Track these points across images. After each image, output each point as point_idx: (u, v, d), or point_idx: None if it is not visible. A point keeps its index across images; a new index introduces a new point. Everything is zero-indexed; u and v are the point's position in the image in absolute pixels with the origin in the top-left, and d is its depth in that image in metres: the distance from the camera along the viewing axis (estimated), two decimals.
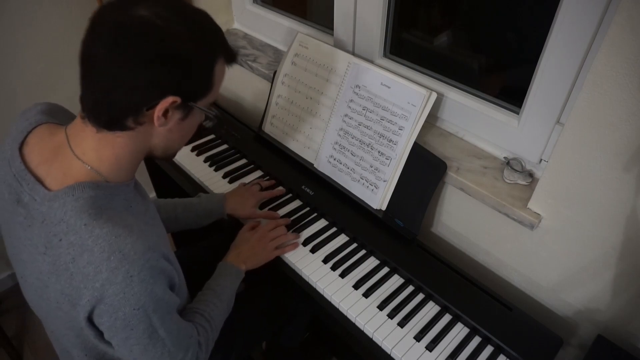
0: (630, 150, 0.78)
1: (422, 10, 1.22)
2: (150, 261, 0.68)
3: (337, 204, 1.20)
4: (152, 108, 0.67)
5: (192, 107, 0.72)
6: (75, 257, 0.66)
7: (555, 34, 0.86)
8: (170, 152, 0.79)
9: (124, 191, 0.75)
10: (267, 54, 1.52)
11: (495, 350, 0.94)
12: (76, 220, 0.66)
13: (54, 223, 0.68)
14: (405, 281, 1.05)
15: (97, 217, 0.67)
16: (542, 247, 1.01)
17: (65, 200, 0.68)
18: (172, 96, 0.66)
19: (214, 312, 0.92)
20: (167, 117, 0.69)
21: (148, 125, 0.70)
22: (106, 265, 0.64)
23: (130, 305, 0.66)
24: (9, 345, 1.72)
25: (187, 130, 0.77)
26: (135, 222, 0.71)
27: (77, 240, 0.66)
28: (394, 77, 1.08)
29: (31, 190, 0.70)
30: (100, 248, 0.65)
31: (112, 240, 0.65)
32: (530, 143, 1.01)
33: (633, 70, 0.71)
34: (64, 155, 0.71)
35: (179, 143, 0.79)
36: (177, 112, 0.70)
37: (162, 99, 0.66)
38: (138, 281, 0.66)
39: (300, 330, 1.46)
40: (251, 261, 1.05)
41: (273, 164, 1.33)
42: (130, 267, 0.65)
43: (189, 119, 0.73)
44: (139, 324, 0.69)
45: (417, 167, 1.07)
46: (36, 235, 0.69)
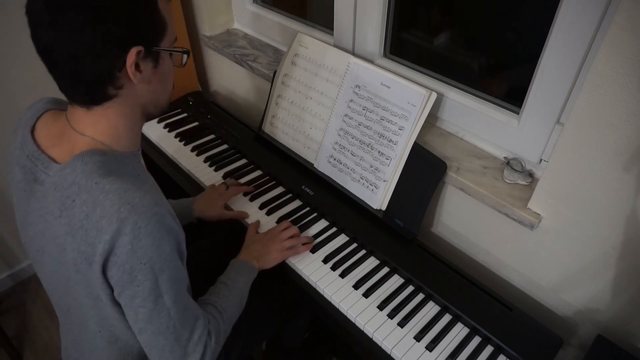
0: (630, 150, 0.78)
1: (422, 10, 1.22)
2: (158, 215, 0.70)
3: (337, 204, 1.20)
4: (123, 67, 0.69)
5: (158, 51, 0.73)
6: (89, 213, 0.69)
7: (555, 34, 0.86)
8: (162, 104, 0.81)
9: (132, 160, 0.78)
10: (267, 54, 1.52)
11: (495, 350, 0.94)
12: (87, 181, 0.70)
13: (65, 187, 0.71)
14: (405, 281, 1.05)
15: (107, 176, 0.70)
16: (542, 247, 1.01)
17: (75, 166, 0.72)
18: (134, 47, 0.68)
19: (226, 304, 0.92)
20: (141, 70, 0.71)
21: (128, 86, 0.72)
22: (117, 216, 0.67)
23: (138, 258, 0.69)
24: (9, 345, 1.72)
25: (166, 76, 0.78)
26: (143, 184, 0.75)
27: (89, 198, 0.69)
28: (394, 77, 1.08)
29: (46, 168, 0.75)
30: (111, 201, 0.68)
31: (122, 193, 0.69)
32: (530, 143, 1.01)
33: (633, 70, 0.72)
34: (68, 135, 0.75)
35: (163, 92, 0.80)
36: (146, 62, 0.72)
37: (126, 54, 0.68)
38: (145, 233, 0.68)
39: (300, 330, 1.46)
40: (263, 260, 1.05)
41: (273, 164, 1.33)
42: (138, 218, 0.68)
43: (160, 64, 0.75)
44: (145, 280, 0.70)
45: (417, 167, 1.07)
46: (51, 203, 0.73)
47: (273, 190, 1.27)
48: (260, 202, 1.22)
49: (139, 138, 0.82)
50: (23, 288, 1.99)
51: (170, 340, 0.76)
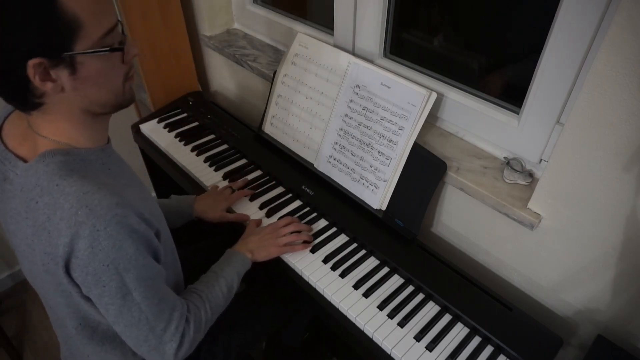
0: (630, 150, 0.78)
1: (422, 10, 1.22)
2: (118, 217, 0.68)
3: (337, 204, 1.20)
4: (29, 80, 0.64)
5: (72, 56, 0.64)
6: (50, 216, 0.68)
7: (555, 34, 0.86)
8: (109, 102, 0.74)
9: (99, 155, 0.76)
10: (267, 54, 1.52)
11: (495, 350, 0.94)
12: (49, 183, 0.69)
13: (29, 189, 0.71)
14: (405, 281, 1.05)
15: (68, 177, 0.69)
16: (542, 247, 1.01)
17: (38, 167, 0.71)
18: (30, 60, 0.62)
19: (212, 294, 0.92)
20: (54, 79, 0.65)
21: (51, 94, 0.68)
22: (74, 219, 0.66)
23: (99, 260, 0.68)
24: (9, 345, 1.72)
25: (97, 77, 0.69)
26: (111, 182, 0.73)
27: (50, 200, 0.69)
28: (394, 77, 1.08)
29: (13, 166, 0.74)
30: (69, 204, 0.67)
31: (80, 196, 0.67)
32: (530, 143, 1.01)
33: (633, 70, 0.71)
34: (30, 136, 0.75)
35: (104, 92, 0.72)
36: (59, 69, 0.65)
37: (23, 66, 0.62)
38: (105, 236, 0.67)
39: (300, 330, 1.46)
40: (259, 252, 1.04)
41: (273, 164, 1.33)
42: (96, 221, 0.67)
43: (82, 69, 0.67)
44: (110, 281, 0.70)
45: (417, 167, 1.07)
46: (18, 204, 0.74)
47: (273, 190, 1.27)
48: (260, 202, 1.22)
49: (103, 132, 0.79)
50: (23, 288, 1.99)
51: (144, 331, 0.77)
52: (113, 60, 0.70)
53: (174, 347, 0.80)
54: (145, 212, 0.74)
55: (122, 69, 0.73)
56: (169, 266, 0.89)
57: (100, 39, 0.67)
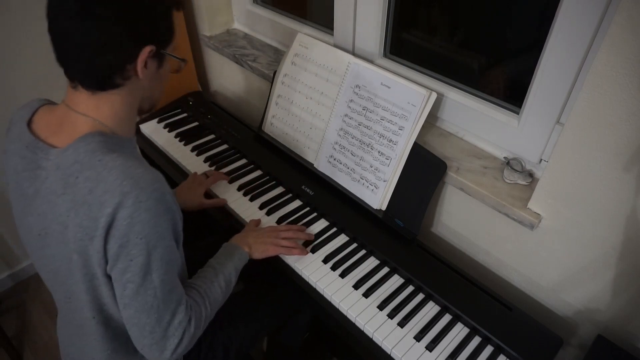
0: (630, 150, 0.78)
1: (422, 10, 1.22)
2: (158, 192, 0.73)
3: (337, 204, 1.20)
4: (134, 62, 0.74)
5: (164, 54, 0.79)
6: (92, 189, 0.71)
7: (555, 34, 0.86)
8: (155, 101, 0.87)
9: (129, 145, 0.83)
10: (267, 54, 1.52)
11: (495, 350, 0.94)
12: (90, 159, 0.73)
13: (67, 166, 0.74)
14: (405, 281, 1.05)
15: (110, 153, 0.74)
16: (542, 247, 1.01)
17: (78, 146, 0.75)
18: (148, 46, 0.74)
19: (211, 290, 0.92)
20: (147, 67, 0.76)
21: (134, 79, 0.77)
22: (119, 190, 0.70)
23: (135, 232, 0.71)
24: (9, 345, 1.72)
25: (164, 78, 0.84)
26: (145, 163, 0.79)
27: (92, 174, 0.72)
28: (394, 77, 1.08)
29: (45, 153, 0.77)
30: (114, 176, 0.71)
31: (125, 169, 0.72)
32: (530, 143, 1.01)
33: (633, 70, 0.72)
34: (69, 119, 0.78)
35: (159, 91, 0.87)
36: (153, 61, 0.78)
37: (140, 51, 0.73)
38: (145, 208, 0.71)
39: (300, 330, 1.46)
40: (256, 248, 1.05)
41: (273, 164, 1.33)
42: (140, 192, 0.71)
43: (163, 66, 0.81)
44: (139, 255, 0.73)
45: (417, 167, 1.07)
46: (53, 183, 0.76)
47: (273, 190, 1.27)
48: (260, 202, 1.22)
49: (134, 126, 0.87)
50: (23, 288, 1.99)
51: (152, 319, 0.77)
52: (172, 68, 0.86)
53: (175, 342, 0.81)
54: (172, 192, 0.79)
55: None
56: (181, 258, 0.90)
57: (174, 49, 0.82)
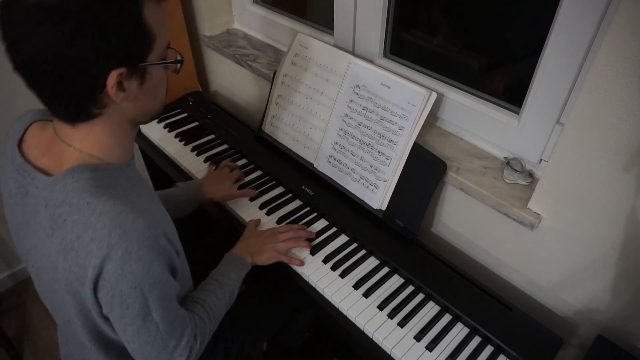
0: (630, 150, 0.78)
1: (422, 10, 1.22)
2: (150, 239, 0.68)
3: (337, 204, 1.20)
4: (104, 89, 0.65)
5: (145, 67, 0.68)
6: (80, 235, 0.67)
7: (555, 34, 0.86)
8: (153, 113, 0.77)
9: (125, 171, 0.76)
10: (267, 54, 1.52)
11: (495, 350, 0.94)
12: (78, 200, 0.68)
13: (56, 205, 0.69)
14: (405, 281, 1.05)
15: (99, 195, 0.68)
16: (542, 247, 1.01)
17: (66, 183, 0.69)
18: (115, 70, 0.63)
19: (215, 304, 0.92)
20: (125, 89, 0.67)
21: (113, 105, 0.68)
22: (107, 241, 0.65)
23: (128, 282, 0.67)
24: (9, 345, 1.72)
25: (156, 88, 0.73)
26: (139, 200, 0.72)
27: (80, 219, 0.67)
28: (394, 77, 1.08)
29: (33, 179, 0.73)
30: (102, 224, 0.66)
31: (113, 216, 0.66)
32: (530, 143, 1.01)
33: (633, 70, 0.71)
34: (56, 147, 0.73)
35: (154, 104, 0.76)
36: (131, 80, 0.67)
37: (106, 77, 0.63)
38: (136, 258, 0.67)
39: (301, 330, 1.46)
40: (258, 256, 1.04)
41: (273, 164, 1.33)
42: (129, 243, 0.66)
43: (148, 79, 0.70)
44: (135, 303, 0.70)
45: (417, 167, 1.07)
46: (43, 219, 0.72)
47: (273, 190, 1.27)
48: (260, 202, 1.22)
49: (131, 147, 0.79)
50: (23, 288, 1.99)
51: (157, 348, 0.77)
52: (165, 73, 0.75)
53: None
54: (169, 232, 0.74)
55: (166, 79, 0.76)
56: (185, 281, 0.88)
57: (165, 51, 0.71)
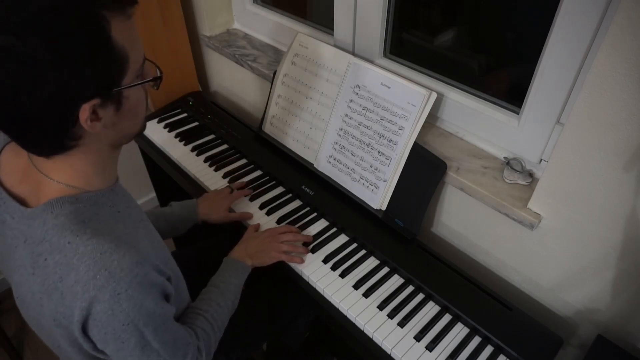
0: (630, 150, 0.78)
1: (422, 10, 1.22)
2: (138, 277, 0.65)
3: (337, 204, 1.20)
4: (76, 122, 0.60)
5: (120, 91, 0.62)
6: (63, 276, 0.63)
7: (555, 34, 0.86)
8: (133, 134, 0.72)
9: (108, 197, 0.71)
10: (267, 54, 1.52)
11: (495, 350, 0.94)
12: (59, 239, 0.64)
13: (36, 243, 0.65)
14: (405, 281, 1.05)
15: (81, 234, 0.63)
16: (542, 247, 1.01)
17: (45, 219, 0.65)
18: (86, 103, 0.58)
19: (217, 313, 0.91)
20: (100, 117, 0.61)
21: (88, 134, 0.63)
22: (93, 283, 0.62)
23: (119, 321, 0.64)
24: (9, 345, 1.72)
25: (136, 108, 0.67)
26: (124, 231, 0.68)
27: (62, 259, 0.63)
28: (394, 77, 1.08)
29: (7, 208, 0.68)
30: (86, 267, 0.62)
31: (98, 257, 0.62)
32: (530, 143, 1.01)
33: (633, 71, 0.71)
34: (33, 176, 0.68)
35: (134, 125, 0.70)
36: (106, 107, 0.62)
37: (77, 111, 0.58)
38: (126, 298, 0.63)
39: (301, 331, 1.46)
40: (258, 257, 1.03)
41: (273, 164, 1.33)
42: (117, 285, 0.62)
43: (125, 102, 0.64)
44: (130, 337, 0.67)
45: (417, 167, 1.07)
46: (23, 256, 0.68)
47: (273, 190, 1.27)
48: (260, 202, 1.22)
49: (115, 171, 0.74)
50: None
51: None
52: (146, 88, 0.69)
53: None
54: (159, 262, 0.71)
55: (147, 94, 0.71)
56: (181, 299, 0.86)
57: (140, 68, 0.65)
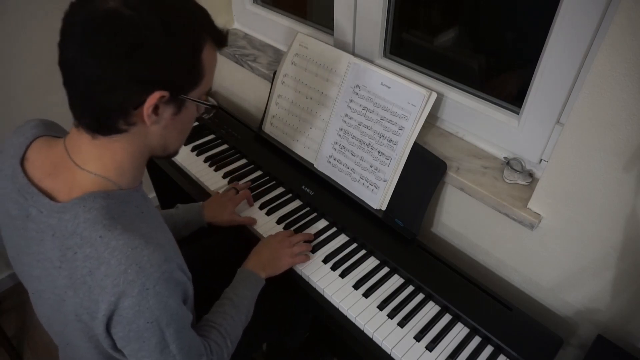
0: (630, 150, 0.78)
1: (422, 10, 1.22)
2: (166, 274, 0.66)
3: (337, 204, 1.20)
4: (140, 106, 0.64)
5: (184, 99, 0.69)
6: (93, 270, 0.64)
7: (555, 34, 0.86)
8: (171, 150, 0.77)
9: (135, 197, 0.73)
10: (267, 54, 1.52)
11: (495, 350, 0.94)
12: (91, 233, 0.65)
13: (65, 236, 0.66)
14: (405, 281, 1.05)
15: (112, 228, 0.65)
16: (542, 247, 1.01)
17: (77, 212, 0.66)
18: (158, 91, 0.63)
19: (231, 326, 0.90)
20: (158, 113, 0.67)
21: (140, 125, 0.67)
22: (123, 277, 0.63)
23: (145, 318, 0.65)
24: (9, 345, 1.72)
25: (184, 124, 0.74)
26: (150, 231, 0.69)
27: (93, 253, 0.64)
28: (394, 77, 1.08)
29: (35, 202, 0.69)
30: (117, 260, 0.63)
31: (129, 252, 0.64)
32: (530, 143, 1.01)
33: (633, 71, 0.72)
34: (67, 167, 0.69)
35: (177, 139, 0.76)
36: (168, 107, 0.67)
37: (148, 95, 0.63)
38: (153, 294, 0.65)
39: (302, 331, 1.46)
40: (271, 267, 1.02)
41: (273, 164, 1.33)
42: (146, 280, 0.64)
43: (183, 113, 0.70)
44: (152, 337, 0.68)
45: (417, 167, 1.07)
46: (49, 250, 0.68)
47: (273, 190, 1.27)
48: (260, 202, 1.22)
49: (142, 174, 0.77)
50: (23, 288, 1.97)
51: None
52: (196, 114, 0.75)
53: None
54: (182, 262, 0.72)
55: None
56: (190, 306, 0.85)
57: (203, 95, 0.72)
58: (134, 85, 0.63)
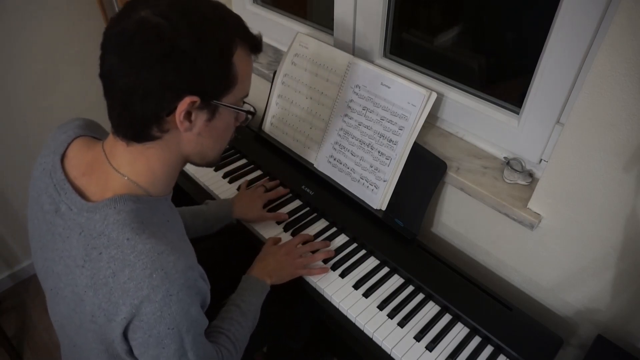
0: (630, 150, 0.78)
1: (422, 10, 1.22)
2: (190, 281, 0.67)
3: (337, 204, 1.20)
4: (172, 112, 0.65)
5: (217, 105, 0.69)
6: (116, 272, 0.64)
7: (555, 34, 0.86)
8: (210, 158, 0.77)
9: (163, 206, 0.74)
10: (267, 54, 1.52)
11: (495, 350, 0.94)
12: (118, 234, 0.66)
13: (93, 236, 0.67)
14: (405, 281, 1.05)
15: (140, 232, 0.66)
16: (542, 247, 1.01)
17: (107, 213, 0.67)
18: (189, 96, 0.64)
19: (239, 332, 0.90)
20: (191, 120, 0.67)
21: (174, 132, 0.68)
22: (148, 282, 0.63)
23: (166, 324, 0.65)
24: (9, 345, 1.72)
25: (221, 131, 0.74)
26: (174, 239, 0.70)
27: (118, 255, 0.65)
28: (394, 77, 1.08)
29: (68, 199, 0.70)
30: (143, 264, 0.64)
31: (155, 257, 0.64)
32: (530, 143, 1.01)
33: (633, 71, 0.72)
34: (102, 169, 0.71)
35: (214, 147, 0.76)
36: (201, 113, 0.68)
37: (179, 101, 0.64)
38: (176, 300, 0.65)
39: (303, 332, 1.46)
40: (277, 275, 1.02)
41: (273, 164, 1.33)
42: (170, 286, 0.64)
43: (217, 119, 0.70)
44: (172, 343, 0.68)
45: (417, 167, 1.07)
46: (74, 247, 0.69)
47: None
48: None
49: (173, 183, 0.78)
50: (23, 288, 1.99)
51: None
52: (234, 122, 0.75)
53: None
54: (203, 272, 0.73)
55: (232, 132, 0.77)
56: None
57: (240, 100, 0.73)
58: (165, 92, 0.64)
